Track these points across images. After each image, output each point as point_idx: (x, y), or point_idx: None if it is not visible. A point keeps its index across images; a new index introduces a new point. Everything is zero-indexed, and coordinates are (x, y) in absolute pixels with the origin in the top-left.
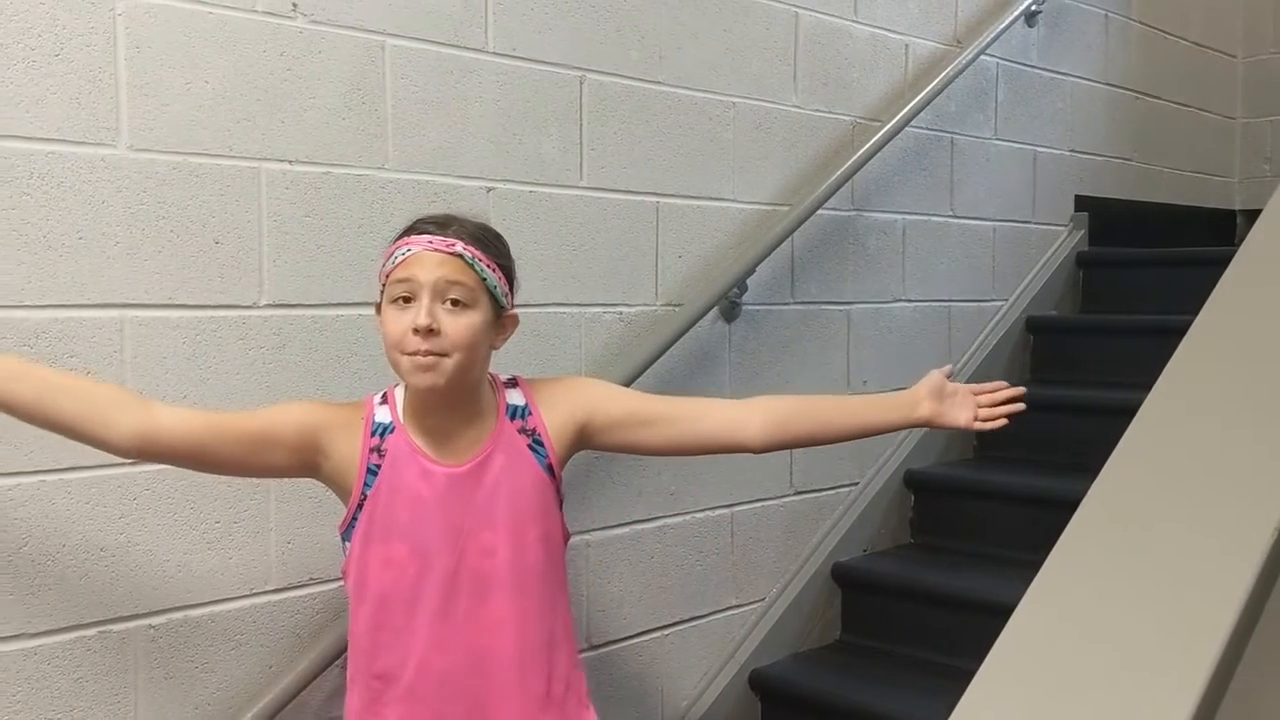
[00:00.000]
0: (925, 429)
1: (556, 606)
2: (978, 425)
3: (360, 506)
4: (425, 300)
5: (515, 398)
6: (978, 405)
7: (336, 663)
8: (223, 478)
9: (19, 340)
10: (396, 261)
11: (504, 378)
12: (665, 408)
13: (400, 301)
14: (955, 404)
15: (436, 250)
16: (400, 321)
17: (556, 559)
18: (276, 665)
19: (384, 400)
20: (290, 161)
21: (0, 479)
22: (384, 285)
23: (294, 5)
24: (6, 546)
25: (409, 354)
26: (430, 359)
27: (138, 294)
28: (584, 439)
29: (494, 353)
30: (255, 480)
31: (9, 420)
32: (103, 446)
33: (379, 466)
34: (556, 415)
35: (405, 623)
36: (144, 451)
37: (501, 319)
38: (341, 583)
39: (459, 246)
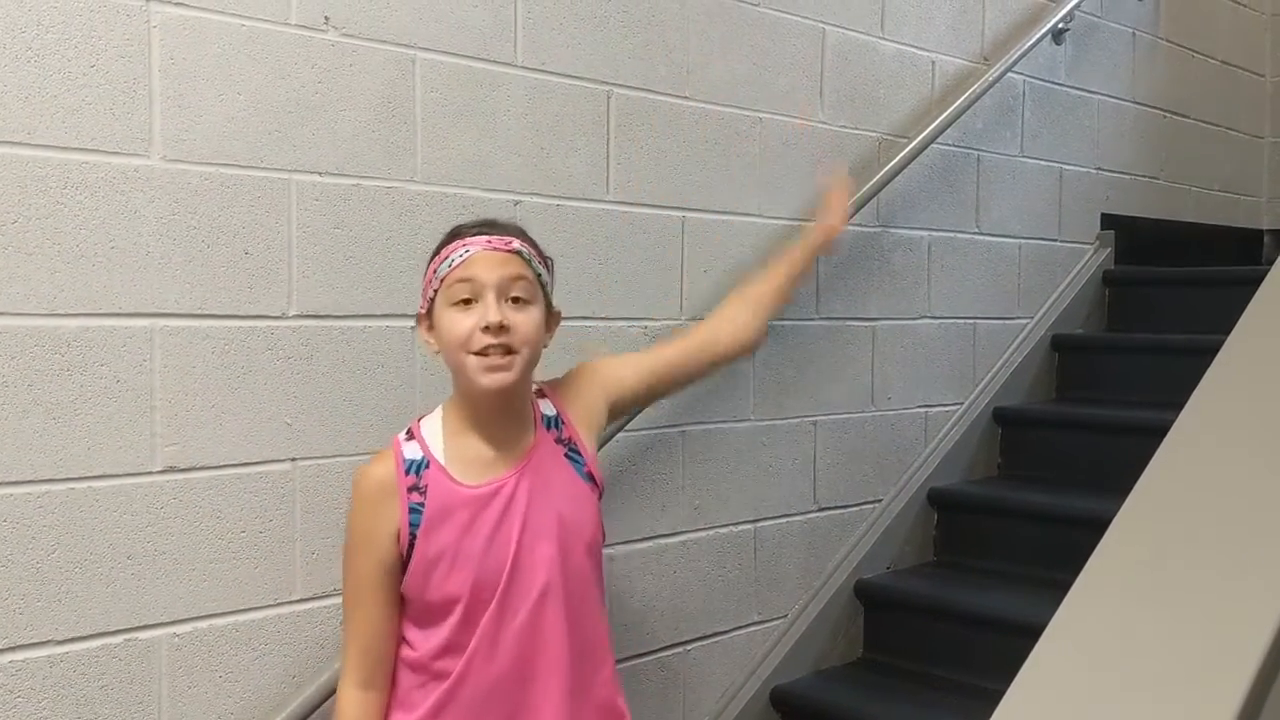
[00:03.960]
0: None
1: (600, 615)
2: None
3: (411, 547)
4: (490, 298)
5: (547, 408)
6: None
7: None
8: (252, 489)
9: (51, 349)
10: (455, 264)
11: (533, 387)
12: (672, 354)
13: (461, 304)
14: (828, 213)
15: (496, 250)
16: (465, 322)
17: (599, 568)
18: (300, 675)
19: (410, 436)
20: (321, 173)
21: (30, 486)
22: (436, 290)
23: (326, 18)
24: (35, 553)
25: (476, 353)
26: (503, 357)
27: (168, 303)
28: (611, 418)
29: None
30: (281, 491)
31: (37, 427)
32: None
33: (422, 505)
34: (583, 415)
35: (462, 638)
36: None
37: (549, 315)
38: None
39: (516, 244)
